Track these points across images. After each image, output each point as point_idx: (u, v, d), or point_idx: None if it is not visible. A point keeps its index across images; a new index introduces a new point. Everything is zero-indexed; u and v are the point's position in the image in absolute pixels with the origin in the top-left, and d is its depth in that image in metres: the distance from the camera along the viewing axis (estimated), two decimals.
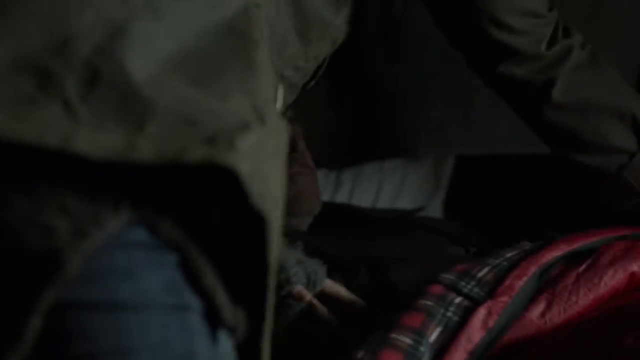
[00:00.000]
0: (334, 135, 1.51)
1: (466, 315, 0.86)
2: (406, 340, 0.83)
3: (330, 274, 1.00)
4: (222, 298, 0.56)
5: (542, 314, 0.88)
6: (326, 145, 1.51)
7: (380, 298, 1.02)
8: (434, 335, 0.85)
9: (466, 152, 1.57)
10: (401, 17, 1.41)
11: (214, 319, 0.57)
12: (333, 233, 1.22)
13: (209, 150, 0.51)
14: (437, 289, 0.91)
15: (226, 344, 0.58)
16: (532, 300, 0.90)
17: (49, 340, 0.51)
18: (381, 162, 1.58)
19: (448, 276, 0.92)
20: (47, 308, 0.49)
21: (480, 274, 0.92)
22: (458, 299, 0.89)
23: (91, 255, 0.50)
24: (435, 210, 1.60)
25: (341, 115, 1.51)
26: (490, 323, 0.86)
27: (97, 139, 0.49)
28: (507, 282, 0.89)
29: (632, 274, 0.92)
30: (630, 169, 0.97)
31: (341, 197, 1.54)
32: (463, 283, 0.90)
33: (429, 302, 0.88)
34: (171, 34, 0.55)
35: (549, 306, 0.88)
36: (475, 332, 0.85)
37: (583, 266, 0.92)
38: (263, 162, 0.54)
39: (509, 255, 0.96)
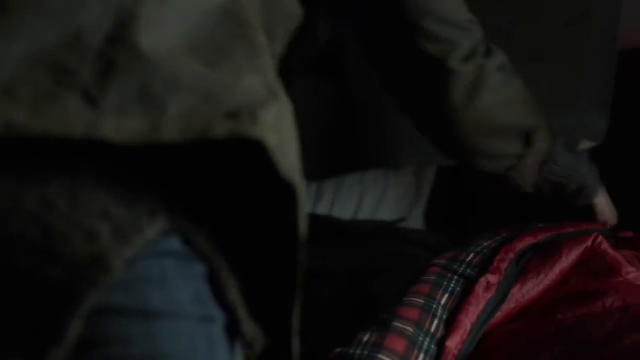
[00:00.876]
0: (314, 147, 1.51)
1: (467, 287, 1.00)
2: (420, 301, 0.96)
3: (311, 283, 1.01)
4: (243, 312, 0.58)
5: (520, 289, 1.04)
6: (307, 157, 1.50)
7: (358, 307, 1.03)
8: (444, 299, 0.98)
9: (447, 162, 1.58)
10: None
11: (233, 332, 0.58)
12: (314, 245, 1.22)
13: (234, 124, 0.52)
14: (435, 269, 1.03)
15: (240, 358, 0.60)
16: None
17: (85, 345, 0.51)
18: (362, 173, 1.58)
19: (441, 261, 1.05)
20: (88, 312, 0.50)
21: (468, 259, 1.06)
22: (455, 277, 1.02)
23: (128, 263, 0.51)
24: (416, 220, 1.60)
25: (321, 126, 1.51)
26: (490, 293, 1.00)
27: (121, 124, 0.50)
28: (494, 264, 1.04)
29: (586, 247, 1.10)
30: (517, 170, 1.09)
31: (322, 209, 1.54)
32: (456, 266, 1.04)
33: (432, 277, 1.01)
34: (177, 18, 0.56)
35: (524, 283, 1.04)
36: (480, 297, 0.99)
37: (544, 249, 1.10)
38: (284, 135, 0.56)
39: (486, 244, 1.11)
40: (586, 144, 1.52)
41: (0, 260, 0.50)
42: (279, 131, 0.55)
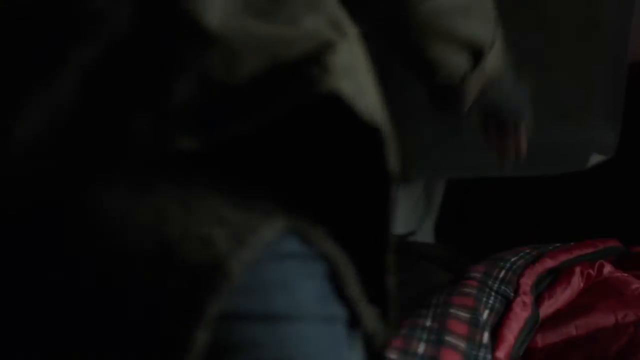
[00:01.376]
0: None
1: (505, 305, 1.04)
2: (466, 315, 0.99)
3: None
4: (364, 307, 0.56)
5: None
6: None
7: None
8: (485, 314, 1.01)
9: (457, 175, 1.58)
10: None
11: (352, 327, 0.57)
12: None
13: (303, 81, 0.48)
14: (473, 283, 1.06)
15: (359, 348, 0.58)
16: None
17: (214, 352, 0.50)
18: None
19: (476, 274, 1.08)
20: (213, 320, 0.48)
21: (500, 275, 1.10)
22: (493, 293, 1.05)
23: (248, 267, 0.49)
24: (426, 233, 1.60)
25: None
26: (527, 312, 1.04)
27: (195, 125, 0.47)
28: (522, 286, 1.09)
29: (590, 277, 1.16)
30: (467, 81, 0.99)
31: None
32: (490, 281, 1.07)
33: (473, 291, 1.04)
34: None
35: (539, 305, 1.10)
36: (519, 315, 1.03)
37: (559, 275, 1.17)
38: (359, 76, 0.52)
39: (513, 259, 1.15)
40: (597, 158, 1.52)
41: (121, 276, 0.49)
42: (354, 73, 0.51)
